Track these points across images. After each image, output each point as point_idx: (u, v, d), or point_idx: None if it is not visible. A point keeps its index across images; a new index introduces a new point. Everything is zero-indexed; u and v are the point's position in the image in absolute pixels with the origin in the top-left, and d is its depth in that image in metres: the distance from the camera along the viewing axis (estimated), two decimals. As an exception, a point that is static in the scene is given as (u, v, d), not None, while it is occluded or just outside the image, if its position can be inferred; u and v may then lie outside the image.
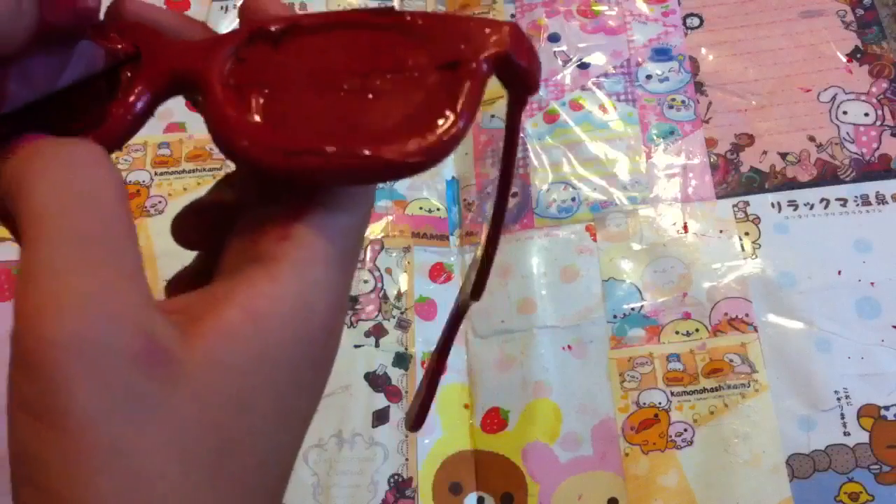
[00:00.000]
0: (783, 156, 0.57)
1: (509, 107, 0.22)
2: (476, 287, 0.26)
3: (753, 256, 0.54)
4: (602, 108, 0.61)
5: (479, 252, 0.25)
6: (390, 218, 0.59)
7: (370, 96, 0.21)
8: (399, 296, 0.56)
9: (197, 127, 0.61)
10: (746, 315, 0.52)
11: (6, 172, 0.19)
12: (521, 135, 0.60)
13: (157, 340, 0.18)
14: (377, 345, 0.54)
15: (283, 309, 0.20)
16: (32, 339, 0.17)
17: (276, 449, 0.20)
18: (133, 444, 0.17)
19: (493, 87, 0.22)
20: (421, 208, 0.60)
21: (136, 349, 0.17)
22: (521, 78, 0.21)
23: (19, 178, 0.19)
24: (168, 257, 0.50)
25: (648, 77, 0.61)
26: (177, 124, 0.62)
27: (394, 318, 0.55)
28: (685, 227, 0.56)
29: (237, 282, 0.20)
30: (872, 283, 0.52)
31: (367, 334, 0.55)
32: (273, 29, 0.22)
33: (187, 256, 0.27)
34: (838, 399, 0.49)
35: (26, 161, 0.19)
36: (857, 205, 0.55)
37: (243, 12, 0.23)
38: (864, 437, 0.48)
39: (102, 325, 0.17)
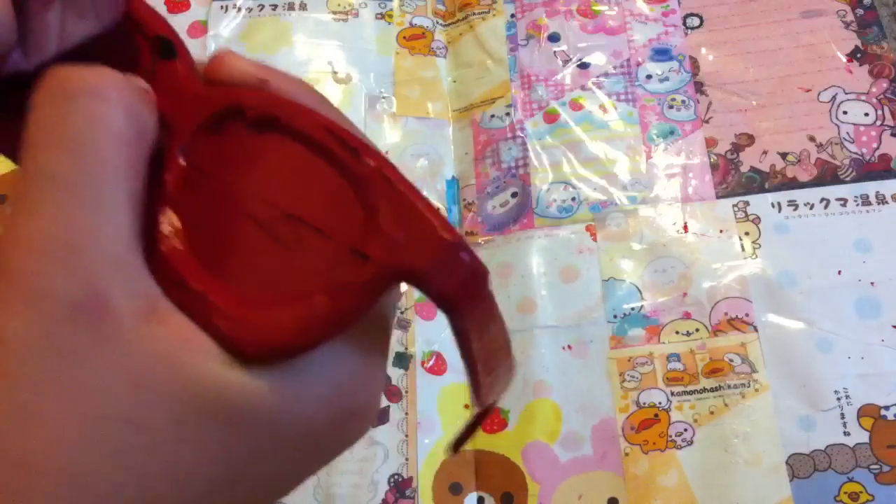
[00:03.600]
0: (783, 156, 0.57)
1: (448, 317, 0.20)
2: (457, 442, 0.25)
3: (753, 256, 0.54)
4: (602, 108, 0.61)
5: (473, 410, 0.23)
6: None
7: (276, 244, 0.19)
8: (399, 295, 0.56)
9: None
10: (746, 315, 0.52)
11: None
12: (522, 135, 0.60)
13: (106, 299, 0.17)
14: (377, 345, 0.54)
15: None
16: None
17: (174, 475, 0.18)
18: (37, 388, 0.17)
19: (494, 86, 0.21)
20: (421, 208, 0.59)
21: (77, 300, 0.17)
22: (440, 303, 0.19)
23: (31, 107, 0.19)
24: None
25: (648, 77, 0.61)
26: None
27: (394, 317, 0.55)
28: (685, 227, 0.56)
29: None
30: (872, 283, 0.52)
31: (367, 334, 0.55)
32: (251, 114, 0.21)
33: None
34: (838, 399, 0.49)
35: (38, 91, 0.19)
36: (857, 205, 0.55)
37: (233, 70, 0.22)
38: (864, 436, 0.48)
39: (49, 267, 0.17)
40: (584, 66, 0.62)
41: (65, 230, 0.17)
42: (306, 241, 0.19)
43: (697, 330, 0.52)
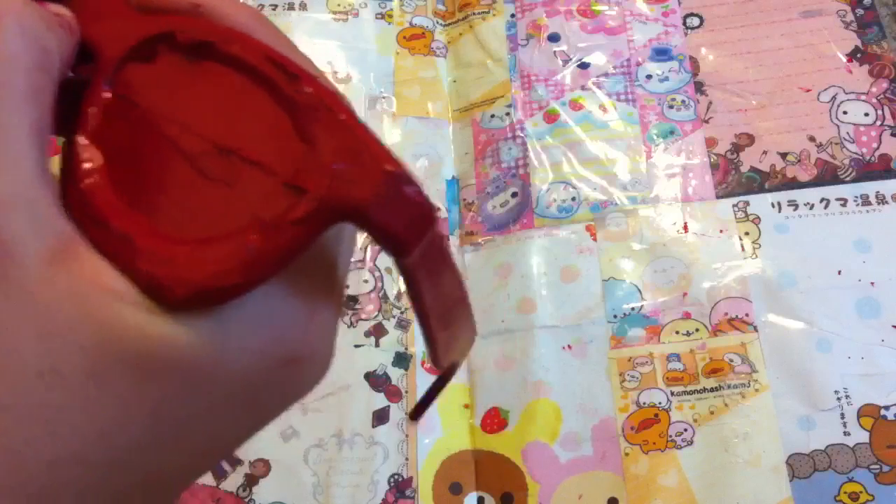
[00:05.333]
0: (783, 156, 0.57)
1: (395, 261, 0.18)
2: (417, 409, 0.25)
3: (753, 256, 0.54)
4: (602, 107, 0.61)
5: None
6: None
7: (207, 179, 0.18)
8: (399, 295, 0.56)
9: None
10: (746, 315, 0.52)
11: None
12: (522, 135, 0.60)
13: (4, 240, 0.16)
14: (377, 344, 0.54)
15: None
16: None
17: (88, 429, 0.17)
18: None
19: (494, 86, 0.21)
20: (421, 208, 0.59)
21: None
22: (384, 242, 0.18)
23: None
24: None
25: (648, 77, 0.61)
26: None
27: (394, 317, 0.55)
28: (685, 227, 0.56)
29: None
30: (872, 283, 0.52)
31: (367, 334, 0.55)
32: (183, 40, 0.19)
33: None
34: (838, 399, 0.49)
35: None
36: (857, 205, 0.55)
37: None
38: (864, 436, 0.48)
39: None
40: (584, 66, 0.62)
41: None
42: (239, 176, 0.18)
43: (697, 330, 0.52)
